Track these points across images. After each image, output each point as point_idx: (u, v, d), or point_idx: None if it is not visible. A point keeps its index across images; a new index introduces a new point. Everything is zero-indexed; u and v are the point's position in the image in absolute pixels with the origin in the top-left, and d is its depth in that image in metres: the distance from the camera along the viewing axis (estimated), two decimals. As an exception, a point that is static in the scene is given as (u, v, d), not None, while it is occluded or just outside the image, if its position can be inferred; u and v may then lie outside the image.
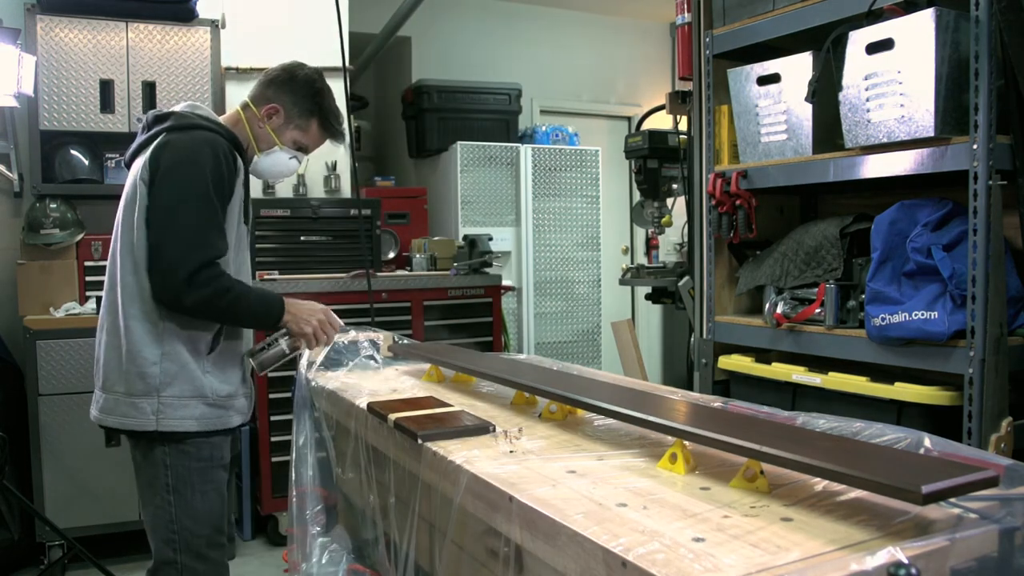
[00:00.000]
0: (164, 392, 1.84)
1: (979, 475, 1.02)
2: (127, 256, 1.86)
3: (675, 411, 1.46)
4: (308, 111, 2.04)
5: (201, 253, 1.78)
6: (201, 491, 1.89)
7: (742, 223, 2.61)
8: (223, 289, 1.81)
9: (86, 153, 3.57)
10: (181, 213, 1.79)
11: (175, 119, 1.91)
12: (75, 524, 3.17)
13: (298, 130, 2.05)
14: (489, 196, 4.88)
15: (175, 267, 1.76)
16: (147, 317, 1.84)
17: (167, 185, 1.81)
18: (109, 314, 1.90)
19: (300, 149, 2.08)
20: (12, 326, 3.48)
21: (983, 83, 1.91)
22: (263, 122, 2.02)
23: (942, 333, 1.99)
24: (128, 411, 1.85)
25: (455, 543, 1.40)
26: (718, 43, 2.71)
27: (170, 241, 1.78)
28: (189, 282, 1.76)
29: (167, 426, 1.85)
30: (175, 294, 1.77)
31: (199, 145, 1.84)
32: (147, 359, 1.84)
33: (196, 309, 1.81)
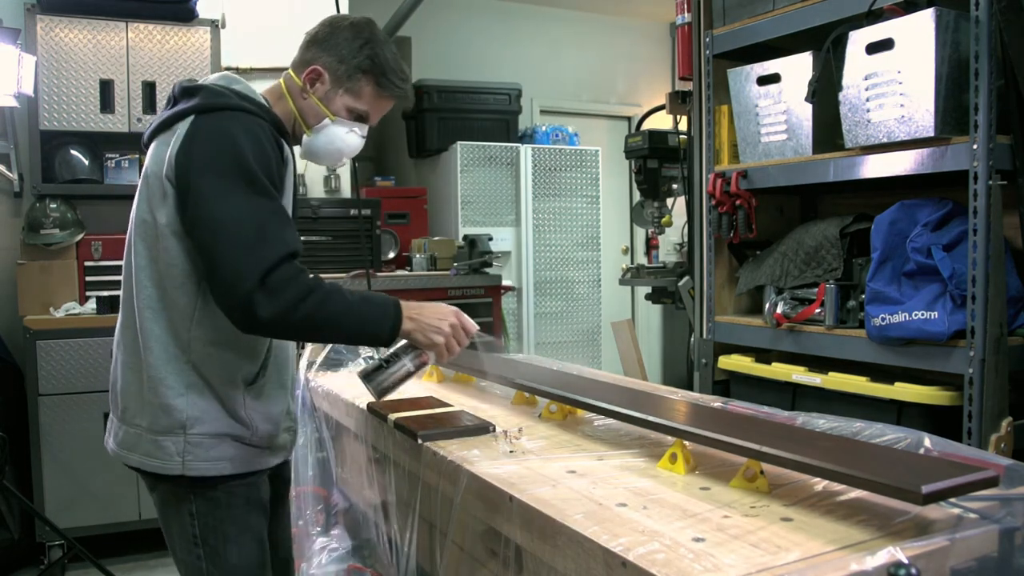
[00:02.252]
0: (192, 429, 1.46)
1: (979, 475, 1.02)
2: (147, 265, 1.49)
3: (675, 411, 1.46)
4: (357, 68, 1.59)
5: (268, 250, 1.36)
6: (236, 542, 1.53)
7: (742, 223, 2.61)
8: (306, 290, 1.38)
9: (86, 153, 3.56)
10: (232, 207, 1.38)
11: (204, 95, 1.48)
12: (75, 524, 3.17)
13: (349, 94, 1.61)
14: (489, 196, 4.88)
15: (239, 274, 1.35)
16: (172, 338, 1.47)
17: (206, 177, 1.39)
18: (126, 330, 1.53)
19: (358, 119, 1.65)
20: (12, 326, 3.47)
21: (983, 83, 1.91)
22: (307, 91, 1.60)
23: (942, 333, 1.99)
24: (150, 449, 1.48)
25: (455, 543, 1.40)
26: (718, 43, 2.71)
27: (225, 245, 1.36)
28: (262, 288, 1.34)
29: (195, 469, 1.47)
30: (247, 309, 1.35)
31: (235, 130, 1.43)
32: (171, 389, 1.46)
33: (278, 324, 1.37)
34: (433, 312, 1.52)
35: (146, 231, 1.48)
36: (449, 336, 1.52)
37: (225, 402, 1.49)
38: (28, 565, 3.25)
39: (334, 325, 1.43)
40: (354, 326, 1.46)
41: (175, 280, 1.45)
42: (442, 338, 1.51)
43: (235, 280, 1.35)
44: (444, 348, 1.52)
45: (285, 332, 1.46)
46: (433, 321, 1.51)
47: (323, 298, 1.40)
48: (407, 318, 1.49)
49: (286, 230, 1.42)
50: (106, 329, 3.35)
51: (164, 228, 1.45)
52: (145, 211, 1.49)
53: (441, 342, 1.51)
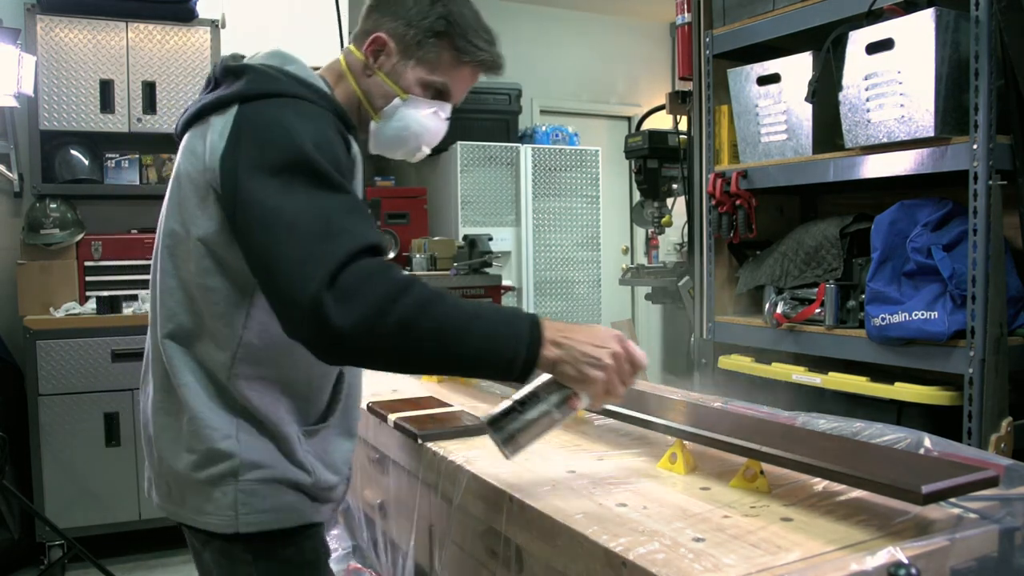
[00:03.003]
0: (245, 475, 1.18)
1: (979, 475, 1.02)
2: (177, 288, 1.21)
3: (675, 411, 1.46)
4: (430, 31, 1.26)
5: (335, 243, 1.02)
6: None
7: (742, 223, 2.61)
8: (397, 286, 1.01)
9: (86, 153, 3.57)
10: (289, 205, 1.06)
11: (250, 79, 1.18)
12: (75, 524, 3.17)
13: (423, 65, 1.28)
14: (489, 196, 4.88)
15: (300, 277, 1.01)
16: (209, 373, 1.19)
17: (256, 177, 1.08)
18: (156, 363, 1.25)
19: (438, 95, 1.32)
20: (12, 326, 3.47)
21: (983, 83, 1.91)
22: (371, 67, 1.29)
23: (942, 333, 1.99)
24: (199, 503, 1.20)
25: (455, 543, 1.40)
26: (718, 43, 2.71)
27: (280, 248, 1.04)
28: (332, 288, 0.99)
29: (252, 524, 1.18)
30: (316, 319, 0.99)
31: (289, 117, 1.13)
32: (216, 431, 1.18)
33: (363, 337, 1.00)
34: (588, 336, 1.09)
35: (175, 245, 1.20)
36: (611, 371, 1.08)
37: (282, 444, 1.21)
38: (28, 565, 3.25)
39: (444, 339, 1.03)
40: (474, 344, 1.04)
41: (214, 307, 1.17)
42: (602, 373, 1.07)
43: (295, 286, 1.01)
44: (603, 388, 1.08)
45: (374, 352, 1.03)
46: (588, 348, 1.08)
47: (426, 299, 1.02)
48: (550, 342, 1.07)
49: (360, 223, 1.08)
50: (106, 329, 3.39)
51: (200, 244, 1.15)
52: (175, 220, 1.19)
53: (600, 379, 1.07)
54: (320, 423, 1.27)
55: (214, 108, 1.19)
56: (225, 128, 1.14)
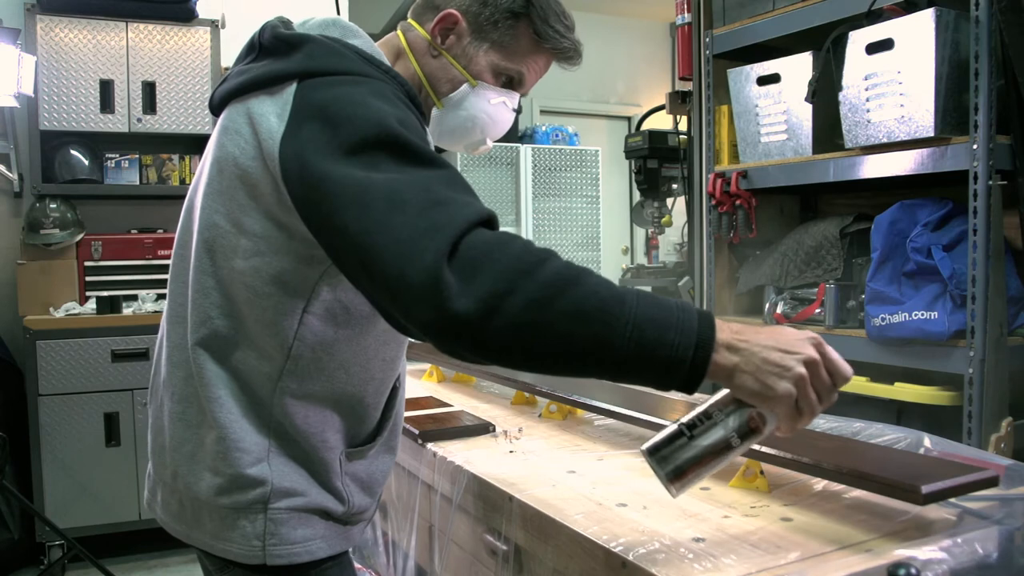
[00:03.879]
0: (275, 503, 1.05)
1: (979, 475, 1.02)
2: (215, 288, 1.05)
3: (675, 411, 1.46)
4: (508, 11, 1.12)
5: (452, 210, 0.86)
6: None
7: (742, 223, 2.61)
8: (530, 259, 0.84)
9: (86, 153, 3.56)
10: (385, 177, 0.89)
11: (311, 52, 1.02)
12: (75, 524, 3.16)
13: (497, 49, 1.14)
14: (489, 196, 4.88)
15: (411, 251, 0.84)
16: (247, 388, 1.05)
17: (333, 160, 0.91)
18: (176, 369, 1.10)
19: (509, 84, 1.17)
20: (12, 326, 3.47)
21: (983, 83, 1.91)
22: (436, 47, 1.14)
23: (942, 333, 1.99)
24: (219, 530, 1.07)
25: (455, 543, 1.40)
26: (718, 43, 2.71)
27: (385, 216, 0.86)
28: (453, 261, 0.83)
29: (281, 557, 1.06)
30: (434, 299, 0.82)
31: (362, 94, 0.97)
32: (248, 454, 1.04)
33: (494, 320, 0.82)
34: (773, 339, 0.87)
35: (218, 240, 1.04)
36: (805, 383, 0.86)
37: (317, 468, 1.09)
38: (28, 565, 3.25)
39: (589, 326, 0.82)
40: (626, 335, 0.82)
41: (263, 313, 1.02)
42: (792, 387, 0.85)
43: (406, 263, 0.83)
44: (796, 407, 0.86)
45: (501, 337, 0.83)
46: (774, 355, 0.86)
47: (569, 275, 0.84)
48: (724, 346, 0.86)
49: (469, 194, 0.92)
50: (106, 329, 3.39)
51: (253, 239, 1.01)
52: (217, 212, 1.03)
53: (791, 394, 0.85)
54: (368, 443, 1.14)
55: (264, 83, 1.02)
56: (284, 109, 0.98)
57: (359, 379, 1.10)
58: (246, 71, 1.06)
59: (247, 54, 1.10)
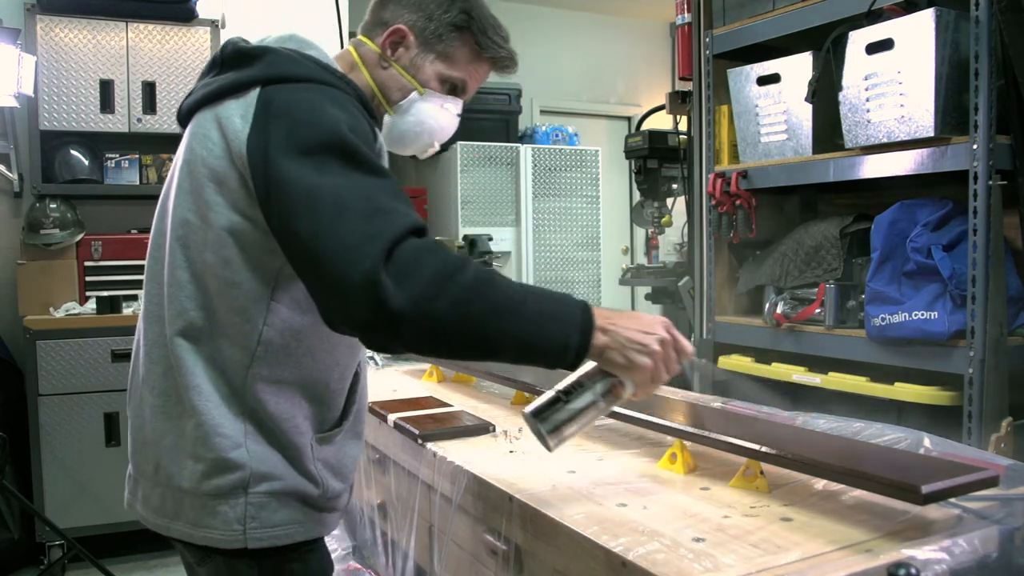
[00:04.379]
0: (255, 488, 1.11)
1: (979, 475, 1.02)
2: (190, 281, 1.12)
3: (675, 411, 1.46)
4: (451, 25, 1.25)
5: (386, 221, 0.98)
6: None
7: (742, 223, 2.61)
8: (453, 265, 0.98)
9: (86, 153, 3.56)
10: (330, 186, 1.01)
11: (271, 62, 1.12)
12: (75, 524, 3.16)
13: (443, 59, 1.26)
14: (489, 196, 4.88)
15: (352, 255, 0.96)
16: (223, 375, 1.12)
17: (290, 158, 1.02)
18: (155, 365, 1.16)
19: (453, 91, 1.29)
20: (12, 326, 3.47)
21: (983, 83, 1.91)
22: (387, 60, 1.25)
23: (942, 333, 1.99)
24: (200, 517, 1.12)
25: (455, 543, 1.40)
26: (718, 43, 2.71)
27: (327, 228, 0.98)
28: (389, 264, 0.95)
29: (261, 540, 1.12)
30: (372, 298, 0.94)
31: (319, 100, 1.08)
32: (227, 439, 1.10)
33: (421, 317, 0.96)
34: (635, 323, 1.07)
35: (190, 236, 1.12)
36: (659, 358, 1.06)
37: (292, 453, 1.15)
38: (28, 565, 3.25)
39: (501, 322, 0.99)
40: (530, 329, 1.00)
41: (233, 301, 1.10)
42: (649, 360, 1.05)
43: (349, 264, 0.95)
44: (649, 376, 1.06)
45: (427, 332, 0.97)
46: (635, 335, 1.05)
47: (482, 278, 0.99)
48: (599, 329, 1.04)
49: (405, 204, 1.03)
50: (106, 329, 3.39)
51: (220, 232, 1.09)
52: (189, 209, 1.12)
53: (648, 366, 1.05)
54: (335, 428, 1.21)
55: (230, 91, 1.12)
56: (248, 111, 1.08)
57: (324, 364, 1.18)
58: (212, 83, 1.16)
59: (210, 69, 1.20)
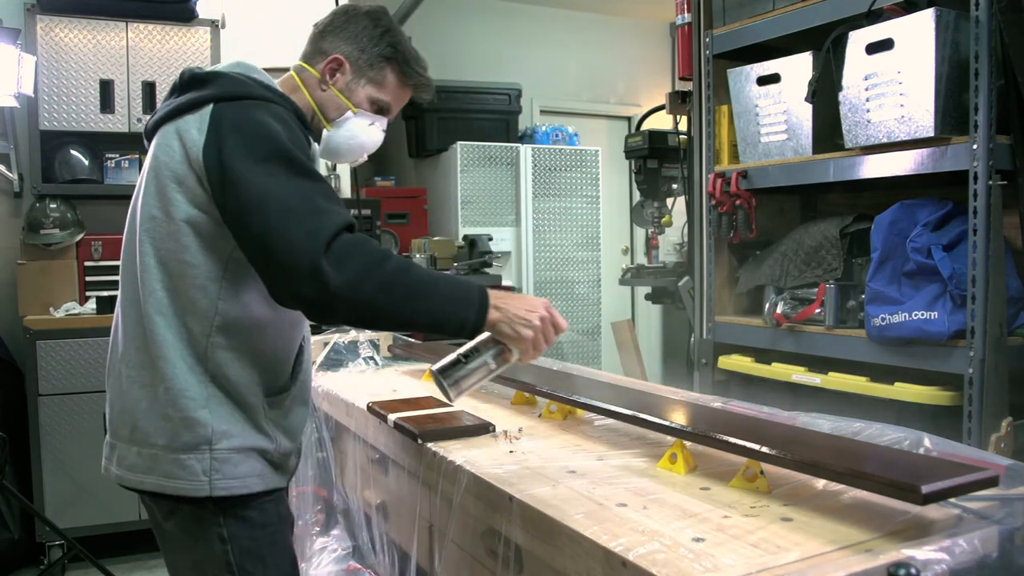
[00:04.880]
0: (218, 444, 1.32)
1: (979, 475, 1.02)
2: (156, 266, 1.35)
3: (675, 411, 1.46)
4: (380, 56, 1.50)
5: (325, 219, 1.23)
6: (275, 563, 1.41)
7: (742, 223, 2.61)
8: (379, 254, 1.24)
9: (86, 153, 3.56)
10: (277, 188, 1.25)
11: (222, 83, 1.36)
12: (75, 524, 3.17)
13: (372, 84, 1.52)
14: (489, 196, 4.88)
15: (300, 246, 1.20)
16: (188, 345, 1.33)
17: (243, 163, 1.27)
18: (130, 342, 1.38)
19: (380, 111, 1.55)
20: (12, 326, 3.47)
21: (983, 83, 1.91)
22: (325, 83, 1.50)
23: (942, 333, 1.99)
24: (171, 470, 1.32)
25: (455, 543, 1.40)
26: (718, 43, 2.71)
27: (277, 224, 1.23)
28: (328, 254, 1.20)
29: (224, 489, 1.33)
30: (315, 280, 1.19)
31: (263, 116, 1.32)
32: (193, 400, 1.32)
33: (352, 295, 1.21)
34: (522, 303, 1.33)
35: (155, 228, 1.34)
36: (539, 331, 1.31)
37: (249, 413, 1.37)
38: (28, 565, 3.25)
39: (415, 301, 1.25)
40: (437, 305, 1.26)
41: (193, 280, 1.32)
42: (531, 332, 1.30)
43: (297, 253, 1.20)
44: (531, 345, 1.31)
45: (360, 307, 1.23)
46: (522, 312, 1.30)
47: (401, 266, 1.25)
48: (493, 307, 1.30)
49: (338, 205, 1.29)
50: (106, 329, 3.35)
51: (180, 223, 1.31)
52: (154, 206, 1.34)
53: (530, 337, 1.30)
54: (284, 392, 1.43)
55: (187, 108, 1.36)
56: (203, 124, 1.31)
57: (271, 336, 1.41)
58: (172, 103, 1.39)
59: (171, 94, 1.43)
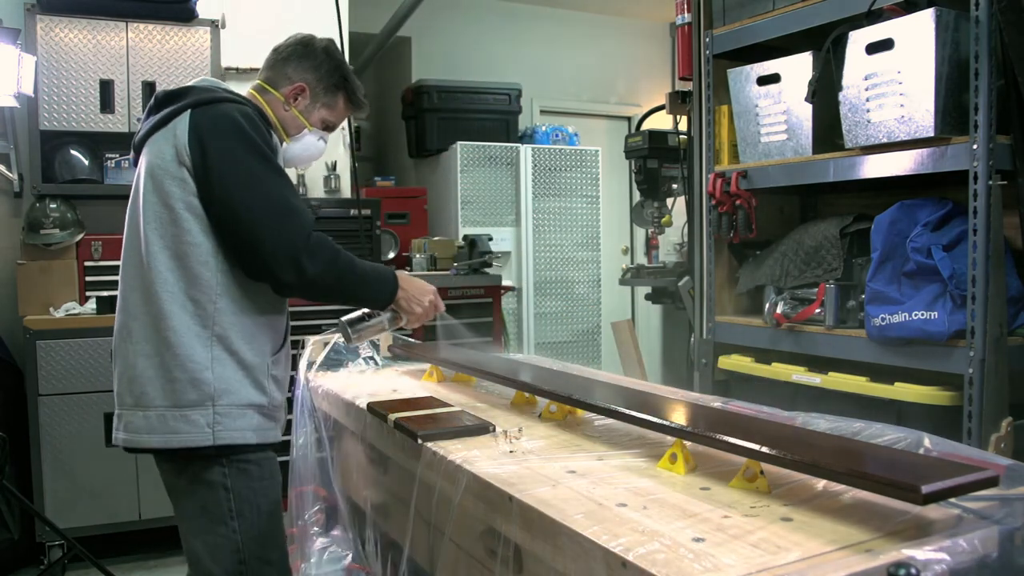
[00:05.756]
0: (220, 400, 1.58)
1: (979, 475, 1.02)
2: (160, 252, 1.59)
3: (675, 411, 1.46)
4: (335, 86, 1.84)
5: (302, 218, 1.58)
6: (268, 511, 1.66)
7: (742, 223, 2.61)
8: (336, 250, 1.63)
9: (86, 153, 3.56)
10: (257, 185, 1.56)
11: (195, 94, 1.64)
12: (75, 524, 3.16)
13: (326, 108, 1.84)
14: (489, 196, 4.88)
15: (287, 240, 1.55)
16: (195, 315, 1.58)
17: (224, 161, 1.56)
18: (135, 321, 1.62)
19: (327, 128, 1.89)
20: (12, 326, 3.47)
21: (983, 83, 1.91)
22: (288, 105, 1.80)
23: (942, 333, 1.99)
24: (177, 426, 1.56)
25: (454, 543, 1.40)
26: (718, 43, 2.71)
27: (265, 218, 1.55)
28: (307, 249, 1.56)
29: (225, 439, 1.58)
30: (298, 268, 1.56)
31: (235, 115, 1.60)
32: (198, 363, 1.57)
33: (320, 280, 1.59)
34: (419, 288, 1.82)
35: (160, 221, 1.60)
36: (427, 309, 1.83)
37: (250, 372, 1.62)
38: (28, 565, 3.25)
39: (356, 287, 1.70)
40: (369, 288, 1.73)
41: (198, 258, 1.59)
42: (421, 310, 1.81)
43: (286, 245, 1.55)
44: (417, 318, 1.83)
45: (320, 291, 1.64)
46: (418, 294, 1.81)
47: (350, 260, 1.67)
48: (401, 288, 1.77)
49: (301, 203, 1.64)
50: (106, 329, 3.33)
51: (180, 212, 1.59)
52: (156, 203, 1.61)
53: (420, 312, 1.82)
54: (280, 349, 1.72)
55: (169, 118, 1.62)
56: (185, 126, 1.59)
57: (265, 299, 1.66)
58: (154, 118, 1.65)
59: (149, 113, 1.69)
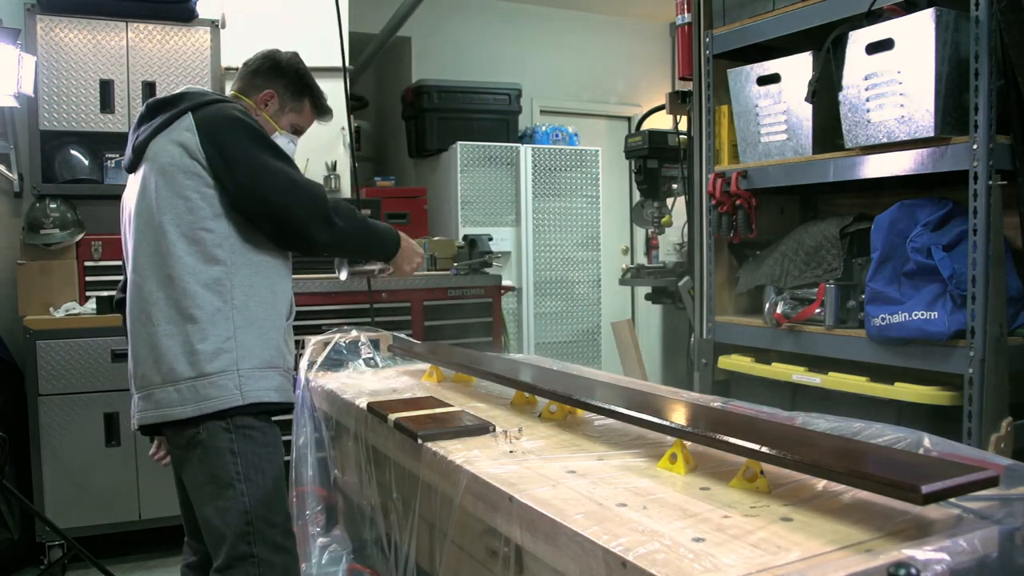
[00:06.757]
0: (244, 364, 1.74)
1: (979, 475, 1.02)
2: (178, 240, 1.73)
3: (675, 411, 1.46)
4: (300, 92, 2.03)
5: (319, 187, 1.84)
6: (272, 476, 1.77)
7: (742, 223, 2.61)
8: (352, 211, 1.88)
9: (86, 153, 3.56)
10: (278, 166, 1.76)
11: (191, 98, 1.81)
12: (75, 524, 3.16)
13: (293, 113, 2.04)
14: (489, 196, 4.88)
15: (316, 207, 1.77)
16: (215, 292, 1.73)
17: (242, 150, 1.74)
18: (155, 306, 1.75)
19: (296, 132, 2.07)
20: (12, 326, 3.47)
21: (983, 83, 1.91)
22: (259, 111, 1.99)
23: (942, 333, 1.99)
24: (209, 392, 1.71)
25: (455, 543, 1.40)
26: (718, 43, 2.71)
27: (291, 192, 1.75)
28: (334, 210, 1.80)
29: (252, 396, 1.73)
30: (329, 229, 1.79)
31: (235, 112, 1.79)
32: (221, 335, 1.73)
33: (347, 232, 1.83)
34: (412, 247, 2.09)
35: (176, 211, 1.74)
36: (414, 268, 2.11)
37: (269, 336, 1.80)
38: (28, 565, 3.25)
39: (371, 240, 1.97)
40: (380, 241, 2.00)
41: (213, 240, 1.75)
42: (409, 268, 2.09)
43: (316, 210, 1.78)
44: (405, 272, 2.10)
45: (350, 240, 1.90)
46: (411, 255, 2.08)
47: (360, 217, 1.94)
48: (401, 247, 2.04)
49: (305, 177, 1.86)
50: (106, 329, 3.38)
51: (195, 201, 1.74)
52: (171, 197, 1.75)
53: (407, 270, 2.09)
54: (290, 316, 1.91)
55: (169, 122, 1.77)
56: (190, 126, 1.75)
57: (275, 272, 1.85)
58: (153, 124, 1.80)
59: (142, 121, 1.84)
